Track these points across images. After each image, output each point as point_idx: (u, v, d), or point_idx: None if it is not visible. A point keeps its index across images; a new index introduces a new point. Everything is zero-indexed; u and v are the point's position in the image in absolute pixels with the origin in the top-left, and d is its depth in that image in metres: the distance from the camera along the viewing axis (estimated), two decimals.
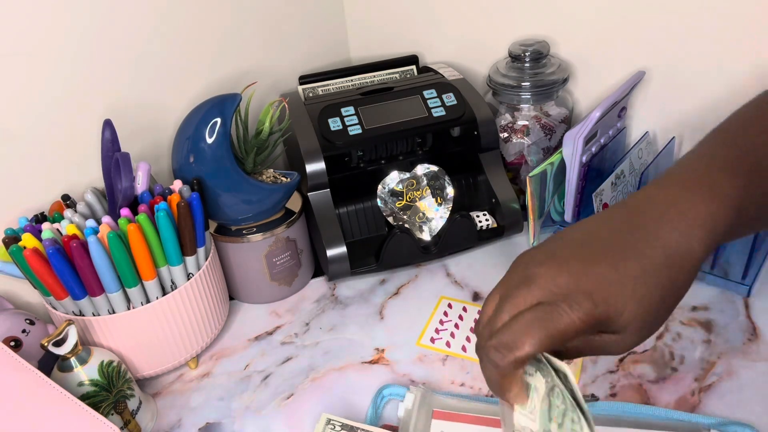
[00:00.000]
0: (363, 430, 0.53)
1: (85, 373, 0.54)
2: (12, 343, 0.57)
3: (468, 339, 0.66)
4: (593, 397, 0.57)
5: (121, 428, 0.56)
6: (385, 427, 0.56)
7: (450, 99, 0.76)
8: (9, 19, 0.59)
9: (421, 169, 0.75)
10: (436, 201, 0.75)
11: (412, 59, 0.87)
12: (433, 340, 0.66)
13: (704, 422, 0.53)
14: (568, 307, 0.36)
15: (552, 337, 0.36)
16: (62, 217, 0.61)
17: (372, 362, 0.64)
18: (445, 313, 0.69)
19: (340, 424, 0.54)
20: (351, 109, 0.75)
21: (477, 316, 0.68)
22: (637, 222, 0.39)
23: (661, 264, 0.38)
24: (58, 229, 0.58)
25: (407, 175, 0.75)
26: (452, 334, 0.66)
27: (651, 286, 0.37)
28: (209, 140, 0.64)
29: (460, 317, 0.68)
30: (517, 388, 0.37)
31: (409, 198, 0.75)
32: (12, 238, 0.57)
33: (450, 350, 0.65)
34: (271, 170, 0.72)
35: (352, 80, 0.84)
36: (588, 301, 0.36)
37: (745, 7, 0.68)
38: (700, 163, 0.43)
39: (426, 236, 0.75)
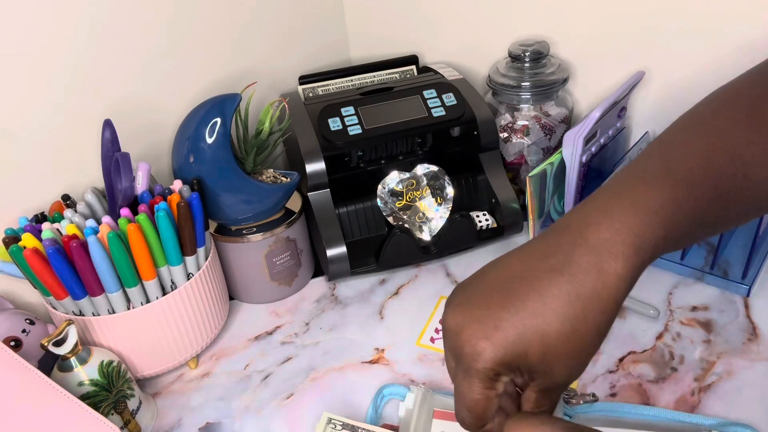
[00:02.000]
0: (364, 429, 0.54)
1: (85, 373, 0.54)
2: (12, 343, 0.57)
3: None
4: (593, 397, 0.57)
5: (121, 428, 0.56)
6: (385, 426, 0.56)
7: (450, 99, 0.76)
8: (10, 19, 0.59)
9: (421, 169, 0.75)
10: (436, 201, 0.75)
11: (412, 59, 0.87)
12: (432, 339, 0.66)
13: (704, 423, 0.53)
14: (472, 361, 0.36)
15: (474, 405, 0.37)
16: (62, 217, 0.61)
17: (372, 362, 0.64)
18: None
19: (341, 423, 0.54)
20: (351, 109, 0.75)
21: None
22: (552, 248, 0.37)
23: (569, 292, 0.35)
24: (58, 229, 0.58)
25: (407, 175, 0.75)
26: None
27: (555, 318, 0.35)
28: (209, 140, 0.64)
29: None
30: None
31: (409, 198, 0.75)
32: (12, 238, 0.57)
33: None
34: (271, 170, 0.72)
35: (352, 80, 0.84)
36: (489, 348, 0.35)
37: (745, 8, 0.68)
38: (626, 176, 0.40)
39: (426, 236, 0.75)
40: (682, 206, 0.38)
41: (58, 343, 0.53)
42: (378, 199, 0.75)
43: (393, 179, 0.75)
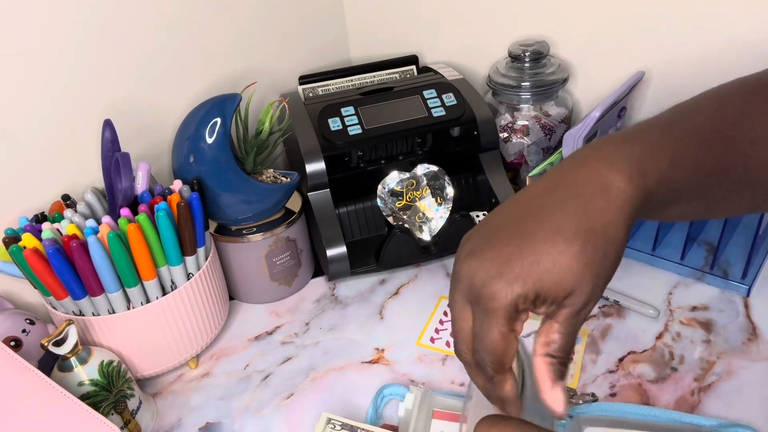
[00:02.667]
0: (363, 429, 0.54)
1: (85, 373, 0.54)
2: (12, 343, 0.57)
3: None
4: (593, 397, 0.57)
5: (121, 428, 0.56)
6: (385, 426, 0.56)
7: (450, 99, 0.76)
8: (9, 19, 0.59)
9: (421, 169, 0.75)
10: (436, 201, 0.75)
11: (412, 59, 0.87)
12: (432, 339, 0.66)
13: (705, 424, 0.53)
14: (490, 301, 0.36)
15: (494, 346, 0.37)
16: (62, 217, 0.61)
17: (372, 362, 0.64)
18: (445, 313, 0.69)
19: (341, 423, 0.54)
20: (351, 109, 0.75)
21: None
22: (553, 180, 0.39)
23: (576, 212, 0.36)
24: (58, 229, 0.58)
25: (407, 175, 0.75)
26: (452, 334, 0.66)
27: (564, 239, 0.35)
28: (209, 140, 0.64)
29: None
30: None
31: (409, 198, 0.75)
32: (12, 238, 0.57)
33: (450, 350, 0.65)
34: (271, 170, 0.72)
35: (352, 80, 0.84)
36: (505, 285, 0.36)
37: (745, 8, 0.68)
38: (634, 125, 0.42)
39: (426, 236, 0.75)
40: (687, 148, 0.39)
41: (58, 343, 0.53)
42: (378, 199, 0.75)
43: (393, 179, 0.75)
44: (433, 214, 0.75)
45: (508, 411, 0.40)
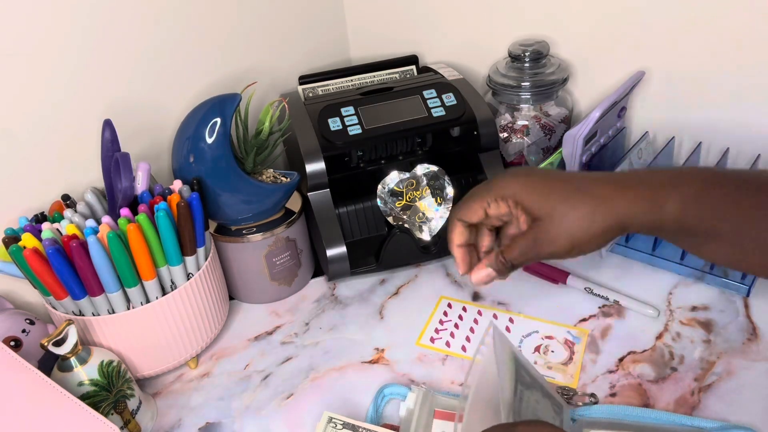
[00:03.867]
0: (364, 428, 0.54)
1: (85, 373, 0.54)
2: (12, 343, 0.57)
3: (468, 339, 0.66)
4: (593, 398, 0.57)
5: (121, 428, 0.56)
6: (386, 426, 0.56)
7: (450, 99, 0.76)
8: (9, 19, 0.59)
9: (420, 169, 0.75)
10: (436, 201, 0.75)
11: (412, 59, 0.87)
12: (432, 339, 0.66)
13: (705, 426, 0.53)
14: (490, 185, 0.52)
15: (464, 213, 0.53)
16: (62, 217, 0.61)
17: (372, 362, 0.64)
18: (445, 313, 0.69)
19: (342, 422, 0.54)
20: (351, 109, 0.75)
21: (477, 317, 0.68)
22: (586, 183, 0.49)
23: (585, 203, 0.48)
24: (58, 229, 0.58)
25: (407, 175, 0.75)
26: (452, 334, 0.66)
27: (567, 212, 0.48)
28: (209, 140, 0.64)
29: (460, 317, 0.68)
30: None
31: (409, 198, 0.75)
32: (12, 238, 0.57)
33: (450, 350, 0.65)
34: (271, 170, 0.72)
35: (352, 80, 0.84)
36: (513, 184, 0.50)
37: (745, 8, 0.68)
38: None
39: (426, 236, 0.75)
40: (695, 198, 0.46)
41: (58, 343, 0.53)
42: (378, 199, 0.75)
43: (393, 179, 0.75)
44: (433, 214, 0.75)
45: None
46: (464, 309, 0.70)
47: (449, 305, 0.70)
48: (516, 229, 0.52)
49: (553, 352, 0.63)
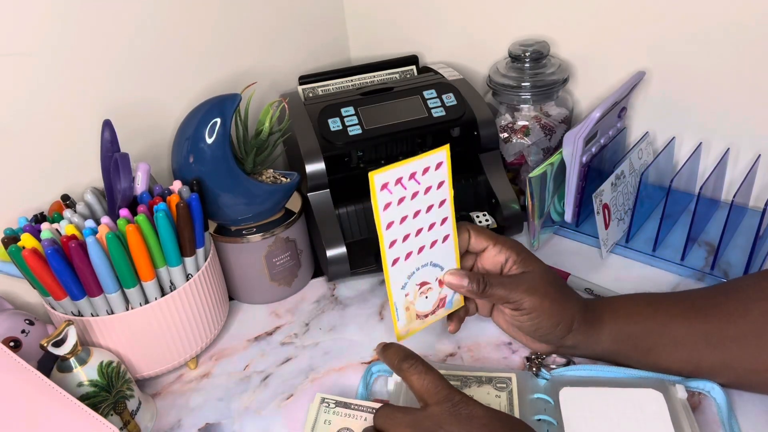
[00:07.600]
0: (356, 405, 0.56)
1: (85, 374, 0.54)
2: (11, 344, 0.57)
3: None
4: (569, 361, 0.60)
5: (121, 429, 0.56)
6: (376, 401, 0.58)
7: (450, 99, 0.76)
8: (8, 19, 0.59)
9: None
10: None
11: (412, 59, 0.87)
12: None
13: (669, 378, 0.56)
14: None
15: None
16: (61, 217, 0.61)
17: (371, 362, 0.64)
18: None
19: (335, 401, 0.56)
20: (351, 110, 0.75)
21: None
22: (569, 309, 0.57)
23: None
24: (57, 230, 0.58)
25: None
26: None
27: (543, 298, 0.56)
28: (209, 140, 0.64)
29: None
30: None
31: None
32: (11, 238, 0.56)
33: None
34: (271, 170, 0.72)
35: (352, 80, 0.84)
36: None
37: (745, 9, 0.68)
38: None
39: None
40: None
41: (58, 344, 0.53)
42: None
43: None
44: None
45: None
46: None
47: None
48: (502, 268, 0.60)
49: None
